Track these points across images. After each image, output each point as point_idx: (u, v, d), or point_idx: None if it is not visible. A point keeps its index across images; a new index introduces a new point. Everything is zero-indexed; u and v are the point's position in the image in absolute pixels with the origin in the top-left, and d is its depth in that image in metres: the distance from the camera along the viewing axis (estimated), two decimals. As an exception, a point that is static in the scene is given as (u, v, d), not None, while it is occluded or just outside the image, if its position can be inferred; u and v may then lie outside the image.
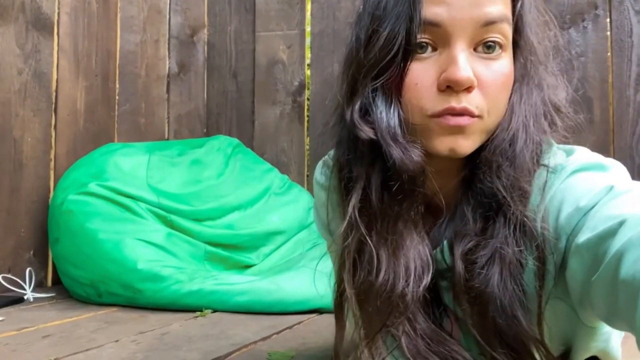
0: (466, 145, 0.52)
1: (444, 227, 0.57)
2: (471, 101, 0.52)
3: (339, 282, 0.60)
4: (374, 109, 0.54)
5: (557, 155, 0.57)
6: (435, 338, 0.55)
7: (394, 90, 0.54)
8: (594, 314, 0.50)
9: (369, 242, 0.55)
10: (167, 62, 1.98)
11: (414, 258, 0.54)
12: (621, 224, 0.43)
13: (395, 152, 0.52)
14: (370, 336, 0.55)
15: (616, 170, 0.55)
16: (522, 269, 0.52)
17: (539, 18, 0.57)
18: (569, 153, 0.58)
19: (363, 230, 0.55)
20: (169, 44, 1.99)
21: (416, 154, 0.53)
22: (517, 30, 0.55)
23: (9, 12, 1.43)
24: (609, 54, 1.62)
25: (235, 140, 1.82)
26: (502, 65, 0.53)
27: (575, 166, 0.54)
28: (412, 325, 0.54)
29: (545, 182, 0.53)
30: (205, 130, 2.02)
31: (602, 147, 1.58)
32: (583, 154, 0.57)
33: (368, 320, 0.56)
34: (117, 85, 1.81)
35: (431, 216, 0.60)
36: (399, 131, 0.53)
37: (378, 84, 0.54)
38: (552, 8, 0.62)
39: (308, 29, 1.92)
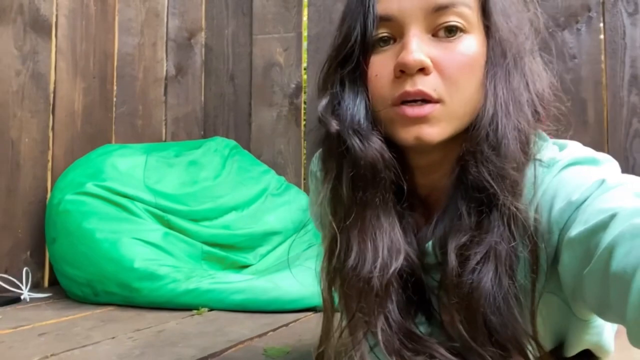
0: (432, 132, 0.53)
1: (436, 223, 0.58)
2: (427, 84, 0.52)
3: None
4: (341, 102, 0.56)
5: (550, 149, 0.57)
6: (409, 335, 0.55)
7: (360, 84, 0.56)
8: (586, 307, 0.50)
9: (339, 229, 0.56)
10: (165, 65, 1.99)
11: (383, 244, 0.55)
12: (612, 217, 0.44)
13: (354, 141, 0.54)
14: (347, 324, 0.56)
15: (608, 164, 0.56)
16: (517, 264, 0.53)
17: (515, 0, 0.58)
18: (561, 147, 0.58)
19: (333, 218, 0.57)
20: (166, 46, 2.00)
21: (375, 142, 0.54)
22: (485, 13, 0.55)
23: (7, 14, 1.44)
24: (602, 56, 1.63)
25: (233, 142, 1.82)
26: (464, 46, 0.54)
27: (567, 160, 0.55)
28: (389, 322, 0.55)
29: (537, 176, 0.54)
30: (202, 132, 2.03)
31: (597, 148, 1.55)
32: (575, 149, 0.57)
33: (344, 307, 0.57)
34: (115, 87, 1.82)
35: (427, 212, 0.61)
36: (362, 122, 0.55)
37: (344, 78, 0.56)
38: (546, 10, 0.62)
39: (305, 33, 1.93)
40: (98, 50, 1.75)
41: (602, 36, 1.64)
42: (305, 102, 1.93)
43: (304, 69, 1.93)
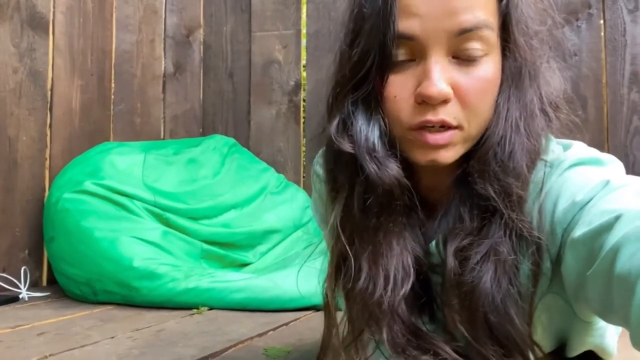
0: (447, 156, 0.53)
1: (439, 223, 0.57)
2: (449, 112, 0.51)
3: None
4: (354, 122, 0.54)
5: (555, 149, 0.56)
6: (415, 333, 0.55)
7: (374, 104, 0.54)
8: (589, 308, 0.50)
9: (350, 251, 0.55)
10: (163, 62, 1.98)
11: (394, 267, 0.54)
12: (617, 218, 0.43)
13: (371, 167, 0.53)
14: (351, 339, 0.55)
15: (612, 165, 0.55)
16: (517, 270, 0.52)
17: (534, 6, 0.56)
18: (566, 148, 0.58)
19: (344, 239, 0.56)
20: (164, 43, 1.99)
21: (392, 169, 0.53)
22: (505, 29, 0.53)
23: (4, 11, 1.43)
24: (602, 53, 1.63)
25: (232, 140, 1.82)
26: (484, 70, 0.52)
27: (571, 161, 0.54)
28: (394, 319, 0.54)
29: (543, 176, 0.53)
30: (201, 130, 2.02)
31: (597, 146, 1.56)
32: (580, 149, 0.57)
33: (350, 322, 0.57)
34: (113, 85, 1.81)
35: (427, 211, 0.60)
36: (377, 145, 0.53)
37: (357, 98, 0.54)
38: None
39: (304, 30, 1.92)
40: (96, 47, 1.74)
41: (602, 33, 1.63)
42: (304, 100, 1.92)
43: (303, 67, 1.92)
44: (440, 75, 0.50)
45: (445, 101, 0.51)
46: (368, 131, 0.53)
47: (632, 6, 1.61)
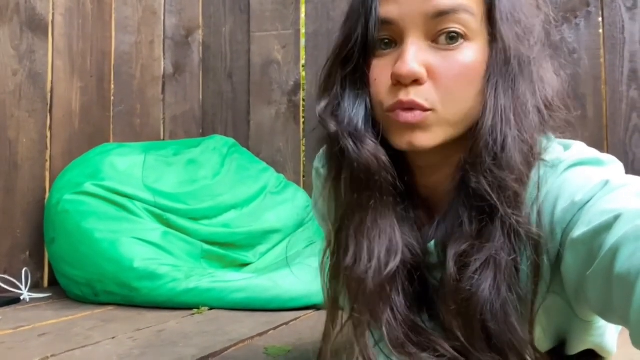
0: (425, 138, 0.53)
1: (437, 224, 0.58)
2: (420, 94, 0.52)
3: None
4: (341, 104, 0.56)
5: (555, 149, 0.56)
6: (414, 328, 0.55)
7: (361, 86, 0.56)
8: (588, 308, 0.50)
9: (338, 229, 0.57)
10: (162, 63, 1.99)
11: (380, 245, 0.55)
12: (616, 218, 0.43)
13: (348, 144, 0.54)
14: (346, 320, 0.56)
15: (612, 165, 0.55)
16: (517, 275, 0.52)
17: (526, 2, 0.56)
18: (566, 148, 0.57)
19: (333, 220, 0.58)
20: (164, 44, 1.99)
21: (368, 144, 0.54)
22: (491, 20, 0.54)
23: (3, 13, 1.43)
24: (601, 50, 1.63)
25: (231, 140, 1.82)
26: (463, 55, 0.52)
27: (571, 161, 0.54)
28: (395, 315, 0.55)
29: (541, 176, 0.53)
30: (201, 130, 2.03)
31: (596, 144, 1.58)
32: (580, 149, 0.57)
33: (348, 303, 0.57)
34: (112, 86, 1.82)
35: (428, 212, 0.61)
36: (360, 125, 0.55)
37: (345, 79, 0.56)
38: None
39: (303, 30, 1.92)
40: (95, 49, 1.74)
41: (600, 31, 1.63)
42: (304, 100, 1.92)
43: (303, 67, 1.93)
44: (414, 56, 0.52)
45: (418, 82, 0.52)
46: (352, 112, 0.56)
47: (630, 4, 1.61)
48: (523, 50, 0.54)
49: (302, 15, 1.93)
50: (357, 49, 0.55)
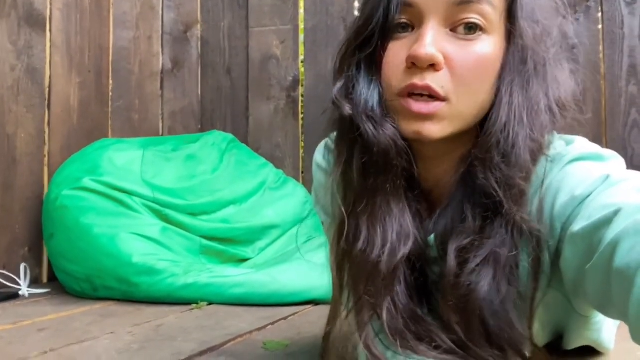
0: (434, 129, 0.53)
1: (438, 217, 0.57)
2: (437, 80, 0.51)
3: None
4: (356, 85, 0.56)
5: (557, 145, 0.57)
6: (414, 318, 0.55)
7: (376, 70, 0.55)
8: (588, 302, 0.50)
9: (349, 214, 0.56)
10: (161, 59, 1.98)
11: (392, 229, 0.55)
12: (616, 213, 0.44)
13: (367, 127, 0.54)
14: (353, 305, 0.56)
15: (613, 160, 0.55)
16: (517, 271, 0.52)
17: (545, 3, 0.56)
18: (568, 143, 0.58)
19: (343, 204, 0.57)
20: (162, 40, 1.99)
21: (388, 128, 0.54)
22: (511, 16, 0.54)
23: (1, 8, 1.43)
24: (600, 45, 1.63)
25: (230, 136, 1.82)
26: (480, 47, 0.52)
27: (573, 155, 0.54)
28: (395, 303, 0.55)
29: (544, 171, 0.53)
30: (199, 126, 2.02)
31: (595, 139, 1.55)
32: (582, 144, 0.57)
33: (352, 289, 0.57)
34: (111, 82, 1.81)
35: (430, 205, 0.61)
36: (376, 108, 0.54)
37: (361, 62, 0.56)
38: None
39: (301, 25, 1.92)
40: (93, 44, 1.74)
41: (600, 26, 1.63)
42: (302, 95, 1.92)
43: (301, 62, 1.92)
44: (432, 41, 0.51)
45: (434, 67, 0.51)
46: (368, 95, 0.55)
47: (629, -1, 1.61)
48: (540, 50, 0.54)
49: (301, 10, 1.93)
50: (377, 31, 0.54)
